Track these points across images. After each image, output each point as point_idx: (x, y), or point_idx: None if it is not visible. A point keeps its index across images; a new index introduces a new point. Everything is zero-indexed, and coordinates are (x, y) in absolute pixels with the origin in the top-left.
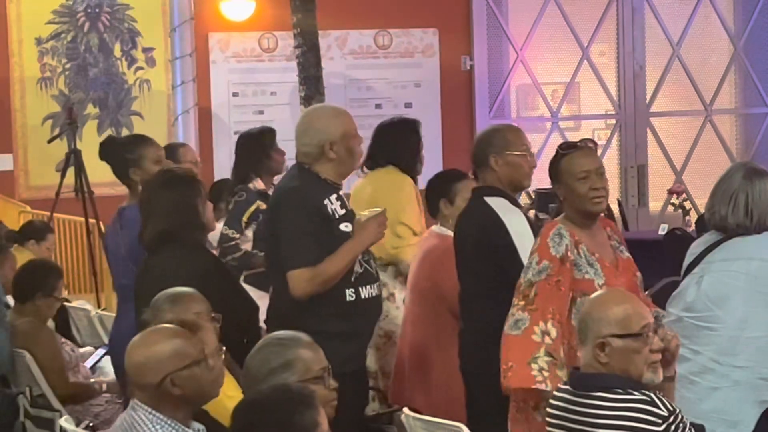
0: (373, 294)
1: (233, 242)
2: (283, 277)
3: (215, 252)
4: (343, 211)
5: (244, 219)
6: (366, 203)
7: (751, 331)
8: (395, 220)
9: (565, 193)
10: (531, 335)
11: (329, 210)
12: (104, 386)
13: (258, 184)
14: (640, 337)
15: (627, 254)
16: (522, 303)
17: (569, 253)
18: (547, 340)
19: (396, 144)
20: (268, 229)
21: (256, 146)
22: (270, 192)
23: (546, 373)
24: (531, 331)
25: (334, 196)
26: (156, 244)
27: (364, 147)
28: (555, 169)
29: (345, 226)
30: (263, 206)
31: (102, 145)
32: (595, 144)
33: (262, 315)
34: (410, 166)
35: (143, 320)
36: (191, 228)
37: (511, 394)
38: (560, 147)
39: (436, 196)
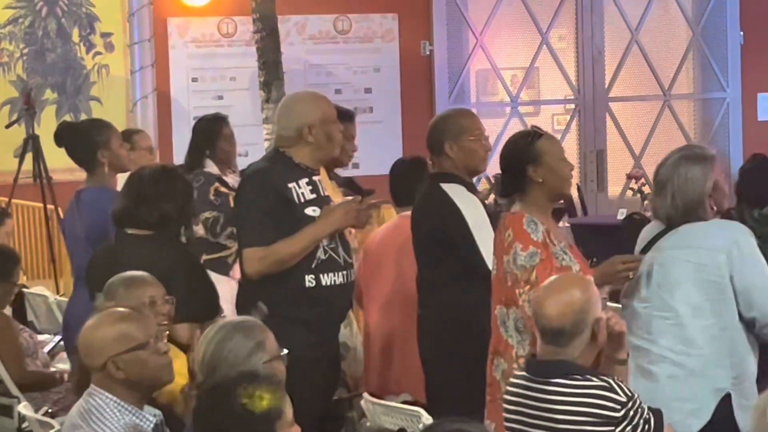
0: (337, 282)
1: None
2: None
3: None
4: (313, 196)
5: (212, 197)
6: None
7: (703, 320)
8: None
9: (546, 174)
10: None
11: (294, 193)
12: (65, 376)
13: (212, 168)
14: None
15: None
16: (527, 288)
17: (547, 240)
18: None
19: None
20: (234, 209)
21: (205, 134)
22: (225, 177)
23: None
24: None
25: (304, 181)
26: (150, 223)
27: None
28: (532, 150)
29: (312, 211)
30: (222, 188)
31: (59, 130)
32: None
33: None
34: None
35: (96, 305)
36: (188, 220)
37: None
38: (535, 128)
39: (410, 181)
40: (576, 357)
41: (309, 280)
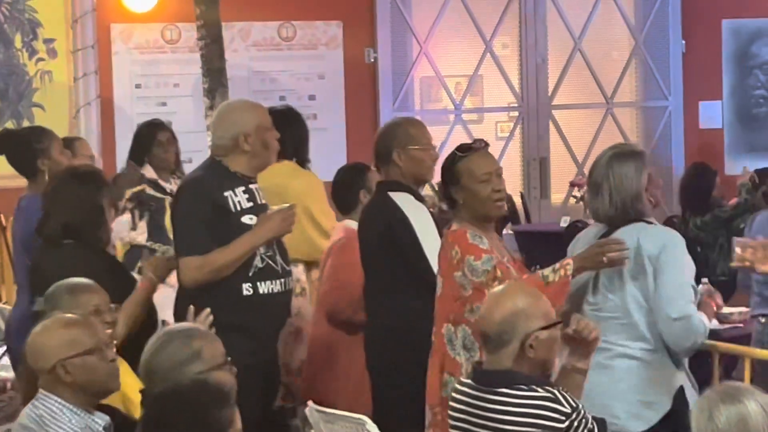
0: (275, 290)
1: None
2: None
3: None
4: (249, 204)
5: (127, 193)
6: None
7: (649, 317)
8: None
9: (466, 196)
10: None
11: (231, 202)
12: (8, 384)
13: (149, 172)
14: (560, 323)
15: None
16: (496, 283)
17: (494, 251)
18: None
19: (299, 136)
20: (171, 219)
21: (140, 140)
22: (163, 183)
23: None
24: None
25: (240, 189)
26: (57, 236)
27: None
28: (452, 171)
29: (249, 219)
30: (149, 191)
31: (0, 137)
32: (487, 144)
33: (160, 309)
34: (306, 158)
35: (38, 312)
36: (94, 226)
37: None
38: (458, 149)
39: (353, 188)
40: (510, 367)
41: (246, 289)
